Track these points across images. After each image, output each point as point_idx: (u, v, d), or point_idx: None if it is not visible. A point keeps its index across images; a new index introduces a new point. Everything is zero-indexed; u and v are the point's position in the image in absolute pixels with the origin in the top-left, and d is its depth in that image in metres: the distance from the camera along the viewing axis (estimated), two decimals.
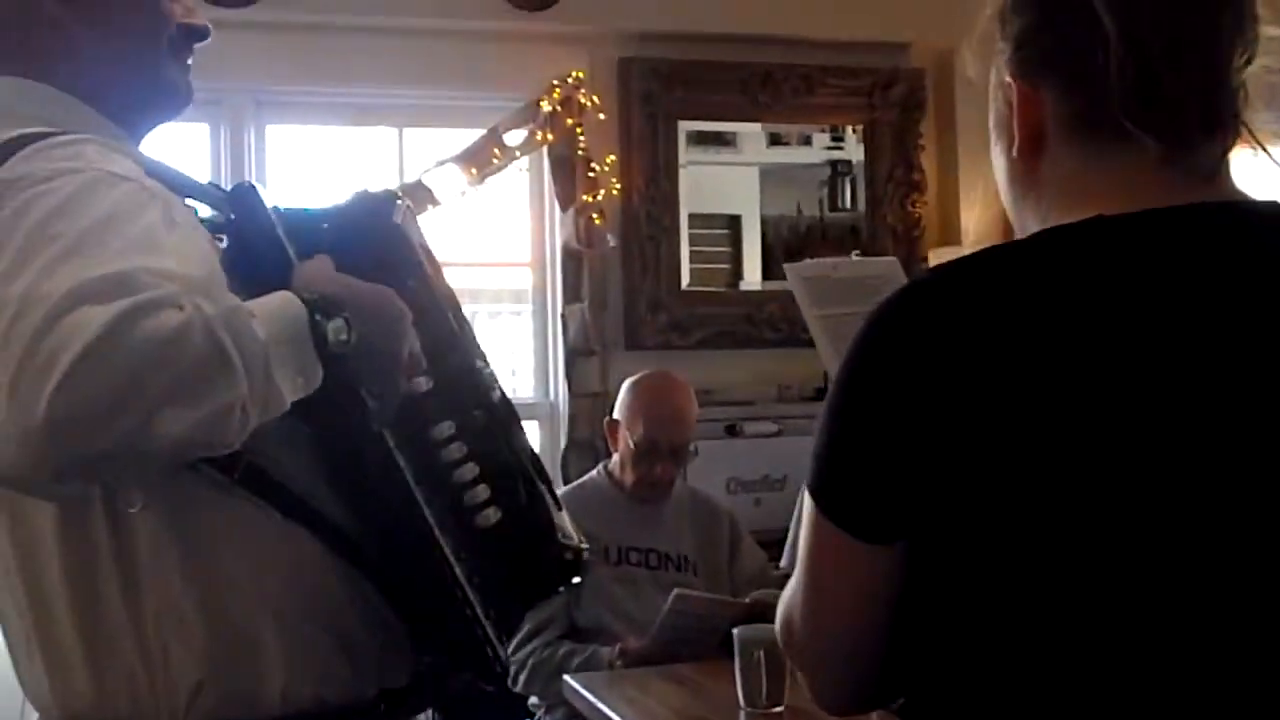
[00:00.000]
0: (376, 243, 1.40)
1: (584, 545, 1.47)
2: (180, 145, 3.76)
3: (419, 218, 1.53)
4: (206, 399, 1.03)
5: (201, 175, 3.71)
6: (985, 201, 4.08)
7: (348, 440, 1.30)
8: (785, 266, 1.77)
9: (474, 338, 1.49)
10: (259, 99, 3.89)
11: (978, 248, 1.05)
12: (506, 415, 1.47)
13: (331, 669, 1.30)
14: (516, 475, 1.44)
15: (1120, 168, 1.02)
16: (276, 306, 1.15)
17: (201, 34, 1.42)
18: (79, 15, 1.32)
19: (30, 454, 0.99)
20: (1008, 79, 1.07)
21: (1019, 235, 1.08)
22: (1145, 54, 0.98)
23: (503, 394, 1.48)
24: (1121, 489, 0.94)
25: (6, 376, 0.99)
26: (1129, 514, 0.94)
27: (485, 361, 1.48)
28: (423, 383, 1.35)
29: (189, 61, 1.42)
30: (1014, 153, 1.08)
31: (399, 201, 1.46)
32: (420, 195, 3.80)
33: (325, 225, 1.41)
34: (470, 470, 1.38)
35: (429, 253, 1.47)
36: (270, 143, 3.93)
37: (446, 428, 1.38)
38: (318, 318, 1.15)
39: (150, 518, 1.22)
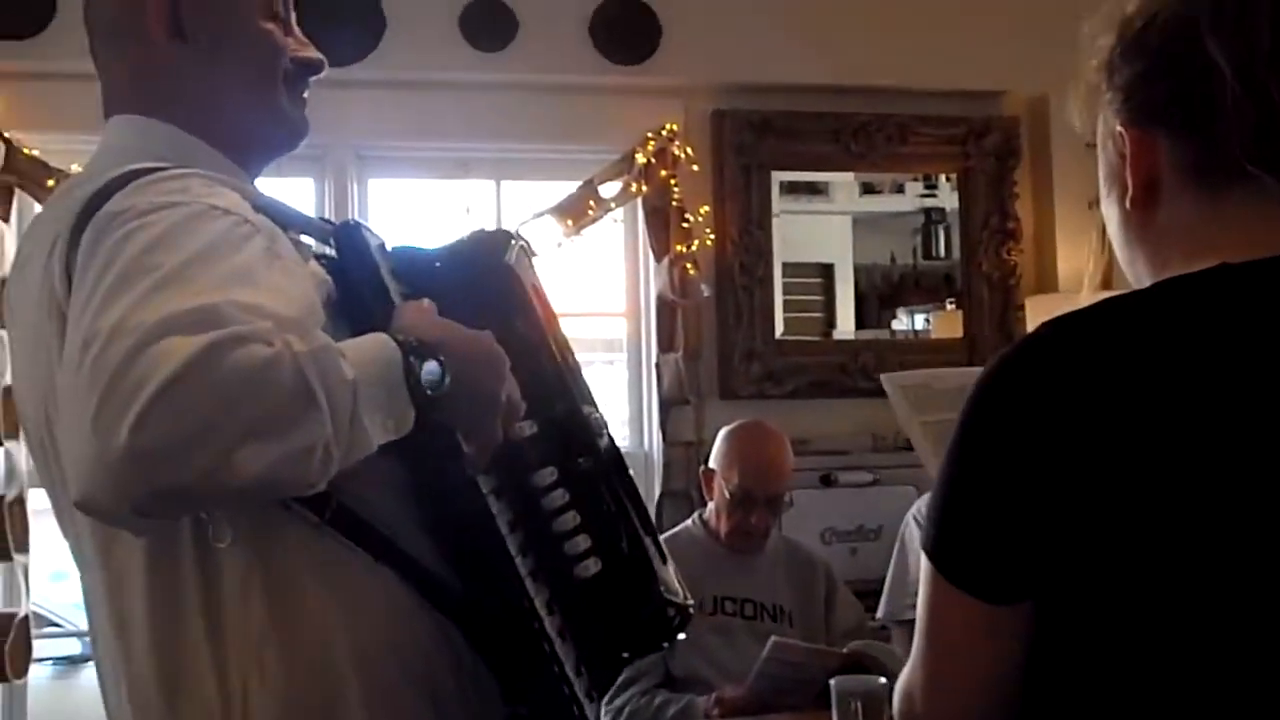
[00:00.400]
0: (486, 282, 1.38)
1: (689, 602, 1.42)
2: (285, 197, 3.86)
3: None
4: (289, 437, 1.01)
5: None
6: (1090, 250, 4.04)
7: (441, 485, 1.28)
8: (882, 377, 1.75)
9: (583, 381, 1.45)
10: (361, 153, 3.98)
11: (1078, 296, 1.03)
12: (613, 462, 1.42)
13: (416, 718, 1.27)
14: (620, 525, 1.38)
15: (1243, 213, 1.00)
16: (370, 347, 1.14)
17: (316, 67, 1.43)
18: (193, 53, 1.34)
19: (110, 485, 0.98)
20: (1119, 128, 1.05)
21: (1135, 286, 1.06)
22: (1263, 93, 0.96)
23: (610, 440, 1.44)
24: (1254, 543, 0.91)
25: (91, 405, 0.98)
26: (1266, 569, 0.91)
27: (594, 406, 1.44)
28: (525, 427, 1.32)
29: (304, 95, 1.43)
30: (1128, 203, 1.05)
31: (513, 242, 1.44)
32: None
33: (437, 263, 1.41)
34: (571, 519, 1.34)
35: (541, 294, 1.45)
36: (372, 196, 4.02)
37: (548, 474, 1.34)
38: (412, 360, 1.13)
39: (238, 555, 1.20)
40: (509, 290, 1.39)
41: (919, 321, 4.52)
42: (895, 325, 4.52)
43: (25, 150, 3.58)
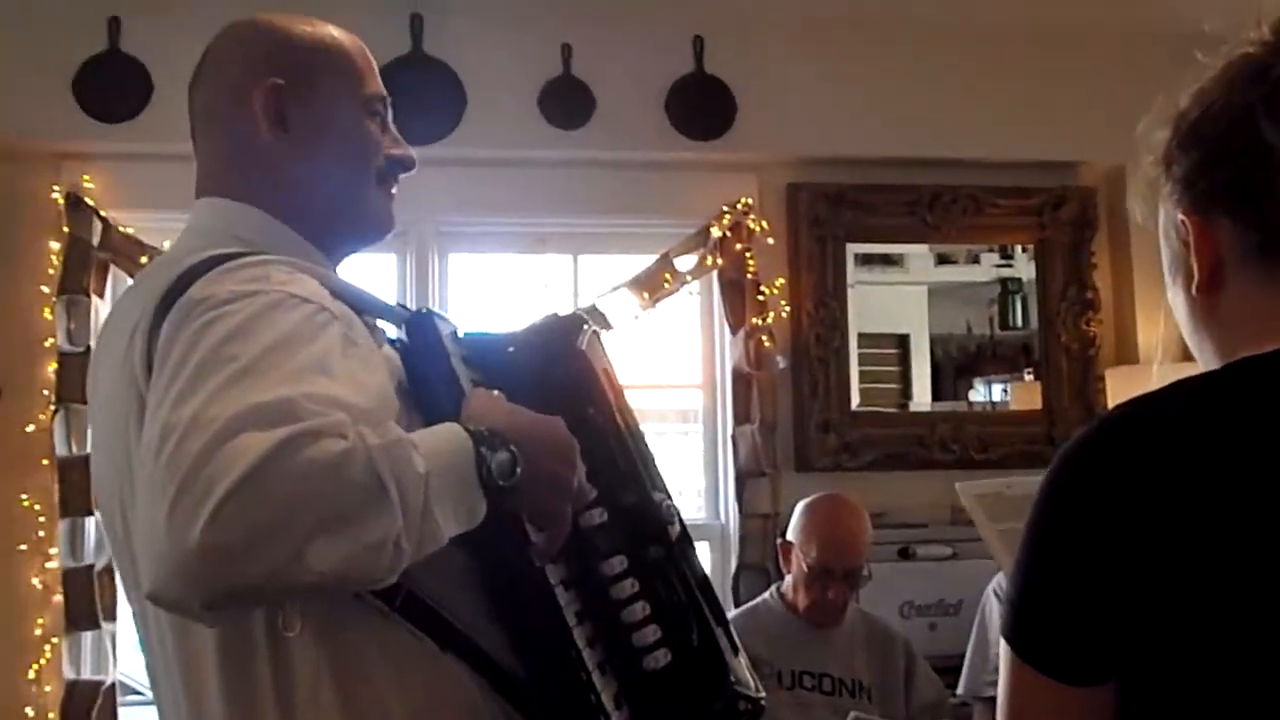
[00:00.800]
0: (558, 369, 1.40)
1: (761, 695, 1.39)
2: (368, 273, 3.95)
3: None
4: (361, 532, 1.02)
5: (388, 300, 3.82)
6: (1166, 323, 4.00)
7: (508, 574, 1.28)
8: (956, 486, 1.75)
9: (655, 466, 1.45)
10: (442, 229, 4.06)
11: (1156, 367, 1.04)
12: (684, 551, 1.41)
13: None
14: (690, 616, 1.37)
15: None
16: (443, 438, 1.14)
17: (407, 165, 1.46)
18: (293, 146, 1.38)
19: (183, 581, 0.99)
20: (1180, 217, 1.07)
21: (1203, 369, 1.07)
22: None
23: (682, 527, 1.43)
24: None
25: (167, 500, 1.00)
26: None
27: (665, 492, 1.44)
28: (595, 515, 1.33)
29: (393, 190, 1.47)
30: (1194, 289, 1.06)
31: (585, 327, 1.45)
32: (594, 319, 3.90)
33: (510, 349, 1.42)
34: (640, 609, 1.33)
35: (612, 377, 1.46)
36: (452, 270, 4.09)
37: (618, 563, 1.34)
38: (483, 450, 1.14)
39: (309, 644, 1.21)
40: (581, 377, 1.40)
41: (996, 392, 4.49)
42: (972, 396, 4.50)
43: (120, 228, 3.70)
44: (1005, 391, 4.47)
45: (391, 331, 1.40)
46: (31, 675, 3.60)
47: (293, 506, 1.00)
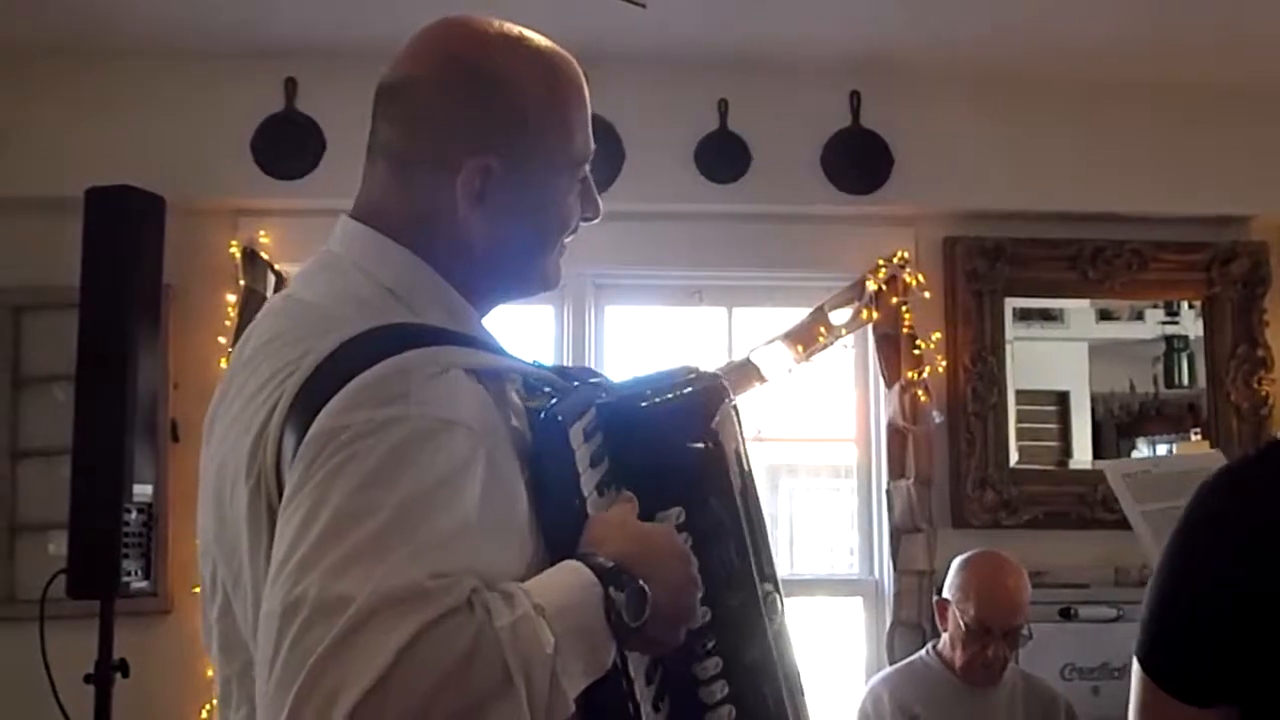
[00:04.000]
0: (688, 453, 1.33)
1: None
2: (527, 326, 4.03)
3: (739, 406, 1.43)
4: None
5: (545, 355, 3.90)
6: None
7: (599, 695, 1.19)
8: (1102, 464, 1.74)
9: (766, 549, 1.40)
10: (598, 281, 4.13)
11: None
12: (780, 654, 1.37)
13: None
14: None
15: None
16: (568, 588, 1.11)
17: (593, 218, 1.39)
18: (485, 218, 1.28)
19: None
20: None
21: None
22: None
23: (780, 627, 1.38)
24: None
25: (290, 697, 0.97)
26: None
27: (773, 580, 1.39)
28: (699, 615, 1.28)
29: (565, 244, 1.39)
30: None
31: (725, 402, 1.38)
32: (749, 372, 3.92)
33: (642, 426, 1.33)
34: (727, 714, 1.30)
35: (740, 456, 1.40)
36: (608, 322, 4.15)
37: (713, 665, 1.31)
38: (612, 592, 1.11)
39: None
40: (711, 466, 1.34)
41: (1160, 451, 4.37)
42: (1135, 455, 4.38)
43: None
44: (1170, 450, 4.35)
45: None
46: (205, 715, 3.71)
47: (424, 709, 0.97)
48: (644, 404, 1.36)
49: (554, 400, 1.27)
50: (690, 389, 1.38)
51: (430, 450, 1.08)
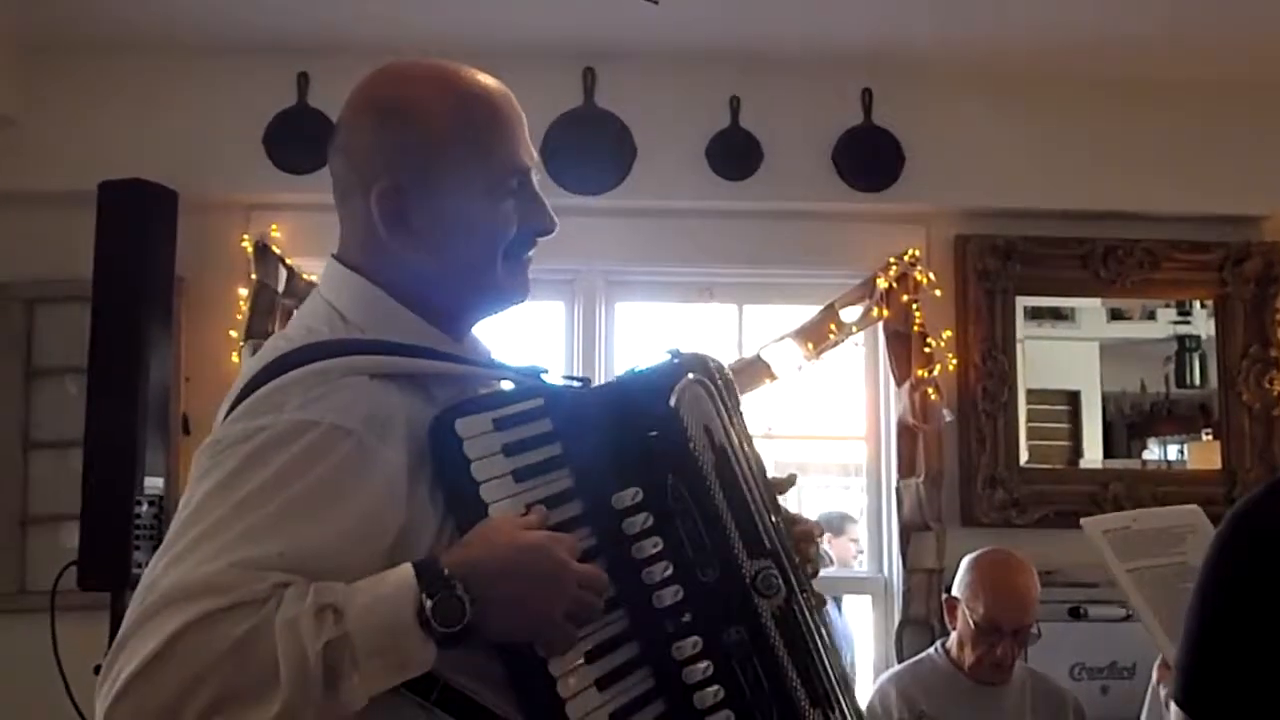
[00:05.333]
0: (640, 433, 1.34)
1: None
2: (537, 321, 4.03)
3: (748, 388, 1.45)
4: (249, 712, 1.08)
5: (556, 350, 3.89)
6: None
7: (525, 682, 1.26)
8: (1082, 521, 1.72)
9: (762, 528, 1.38)
10: (609, 278, 4.12)
11: None
12: (783, 630, 1.35)
13: None
14: (771, 703, 1.31)
15: None
16: (387, 591, 1.16)
17: (544, 232, 1.42)
18: (413, 241, 1.36)
19: None
20: None
21: None
22: None
23: (784, 603, 1.36)
24: None
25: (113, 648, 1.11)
26: None
27: (768, 560, 1.36)
28: (668, 595, 1.30)
29: (527, 258, 1.43)
30: None
31: (688, 378, 1.38)
32: (759, 370, 3.92)
33: (593, 410, 1.36)
34: (713, 693, 1.30)
35: (714, 431, 1.38)
36: (619, 318, 4.15)
37: (690, 644, 1.30)
38: (424, 599, 1.15)
39: None
40: (668, 442, 1.34)
41: (1172, 452, 4.36)
42: (1146, 455, 4.37)
43: (304, 275, 3.85)
44: (1182, 451, 4.34)
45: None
46: None
47: (186, 690, 1.07)
48: (594, 388, 1.42)
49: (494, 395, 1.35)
50: (644, 371, 1.40)
51: (284, 451, 1.18)
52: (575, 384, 1.45)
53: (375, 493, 1.22)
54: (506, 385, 1.43)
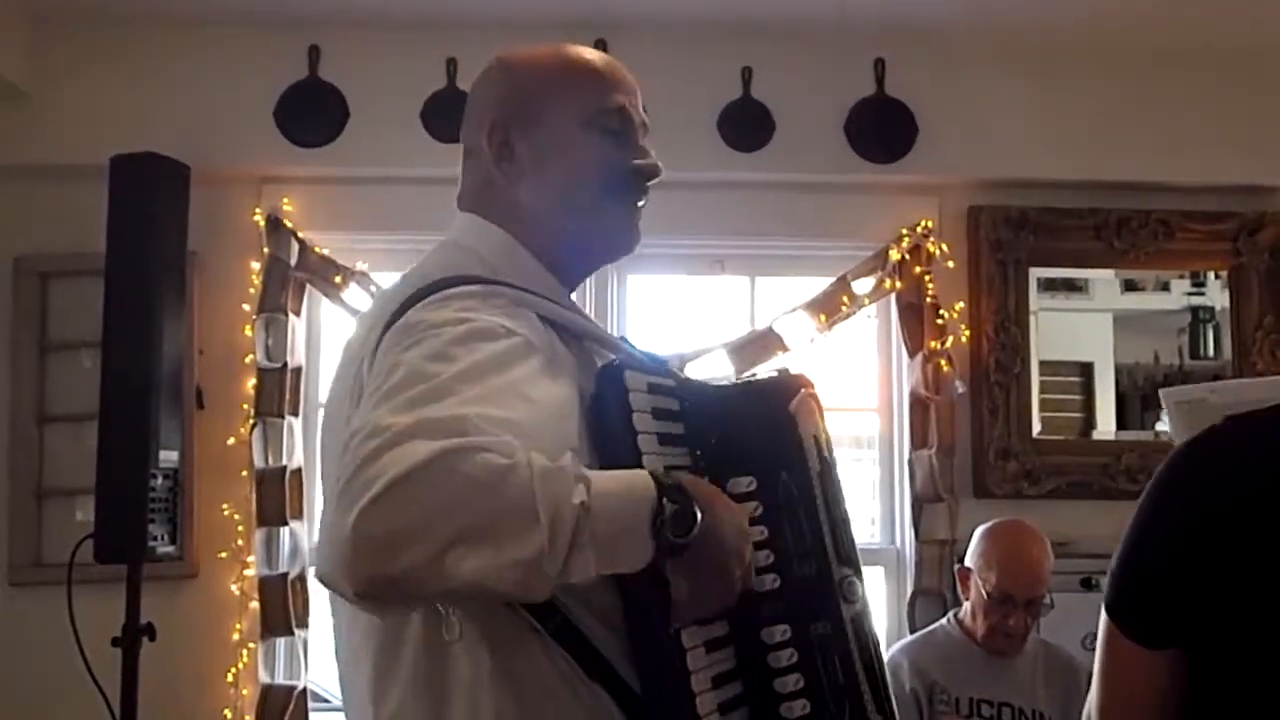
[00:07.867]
0: (764, 430, 1.42)
1: None
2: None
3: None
4: (501, 549, 1.05)
5: None
6: None
7: (642, 635, 1.29)
8: (1160, 392, 1.74)
9: (846, 539, 1.45)
10: None
11: None
12: (857, 633, 1.41)
13: None
14: (845, 698, 1.37)
15: None
16: (625, 481, 1.18)
17: (649, 174, 1.51)
18: (519, 171, 1.47)
19: (338, 566, 1.05)
20: None
21: None
22: None
23: (862, 609, 1.43)
24: None
25: (338, 491, 1.07)
26: None
27: (853, 568, 1.44)
28: (768, 580, 1.35)
29: (639, 204, 1.51)
30: None
31: (803, 390, 1.47)
32: (771, 341, 3.92)
33: (719, 402, 1.44)
34: (794, 681, 1.35)
35: (821, 442, 1.46)
36: (631, 291, 4.15)
37: (779, 631, 1.36)
38: (665, 501, 1.16)
39: (467, 653, 1.25)
40: (785, 442, 1.43)
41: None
42: (1159, 427, 4.36)
43: (316, 249, 3.85)
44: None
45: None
46: (230, 678, 3.76)
47: (436, 513, 1.04)
48: (720, 383, 1.54)
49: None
50: (767, 377, 1.52)
51: (492, 341, 1.20)
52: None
53: (568, 397, 1.27)
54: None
